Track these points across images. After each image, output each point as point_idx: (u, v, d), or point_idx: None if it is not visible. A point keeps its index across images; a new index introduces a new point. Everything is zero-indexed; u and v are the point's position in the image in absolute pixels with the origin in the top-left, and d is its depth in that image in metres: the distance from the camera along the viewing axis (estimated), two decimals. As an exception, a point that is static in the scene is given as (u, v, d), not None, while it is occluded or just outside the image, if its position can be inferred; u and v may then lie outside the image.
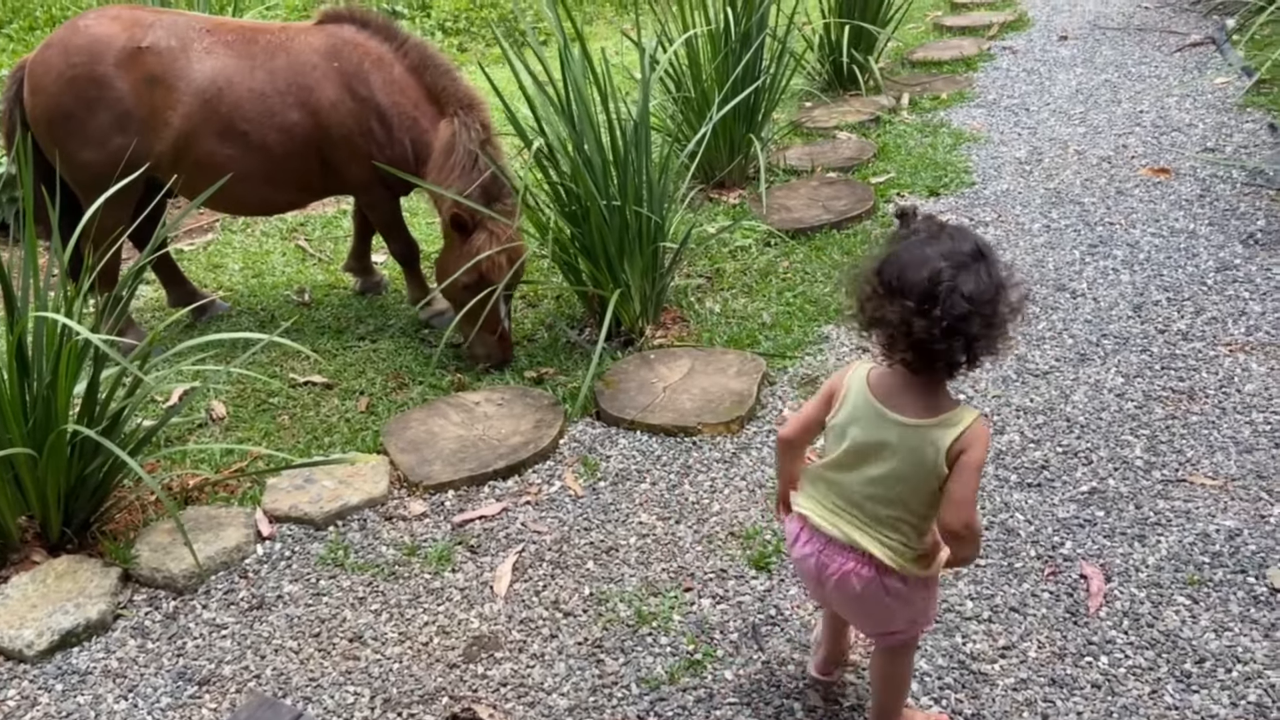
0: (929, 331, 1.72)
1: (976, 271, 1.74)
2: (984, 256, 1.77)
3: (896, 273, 1.76)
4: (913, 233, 1.82)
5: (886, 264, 1.79)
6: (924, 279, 1.72)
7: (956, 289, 1.70)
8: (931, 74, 6.93)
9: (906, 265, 1.75)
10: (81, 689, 2.49)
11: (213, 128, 3.60)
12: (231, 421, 3.52)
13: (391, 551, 2.86)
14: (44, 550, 2.87)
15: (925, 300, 1.71)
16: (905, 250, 1.78)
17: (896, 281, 1.75)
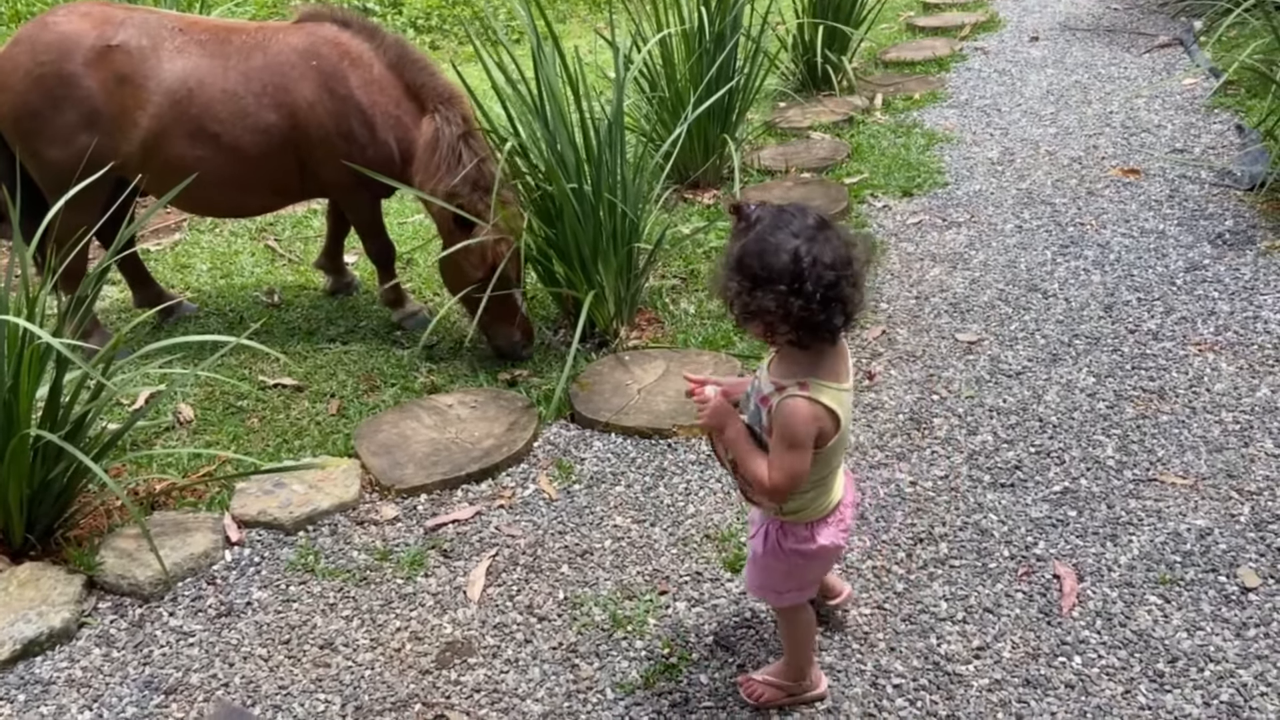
0: (807, 307, 1.81)
1: (828, 239, 1.84)
2: (828, 225, 1.88)
3: (758, 263, 1.82)
4: (755, 222, 1.87)
5: (744, 258, 1.85)
6: (786, 261, 1.80)
7: (818, 260, 1.80)
8: (904, 74, 6.96)
9: (765, 253, 1.82)
10: (45, 699, 2.43)
11: (183, 129, 3.54)
12: (199, 425, 3.47)
13: (363, 556, 2.82)
14: (6, 557, 2.80)
15: (794, 280, 1.80)
16: (757, 240, 1.84)
17: (762, 271, 1.82)
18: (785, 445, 1.91)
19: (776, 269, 1.80)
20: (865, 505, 2.88)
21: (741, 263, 1.85)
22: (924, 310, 3.90)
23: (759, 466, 1.95)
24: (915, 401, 3.34)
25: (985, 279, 4.08)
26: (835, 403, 1.92)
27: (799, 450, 1.91)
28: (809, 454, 1.93)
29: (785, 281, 1.80)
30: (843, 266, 1.83)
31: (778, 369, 1.98)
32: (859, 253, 1.89)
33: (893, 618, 2.49)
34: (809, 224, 1.85)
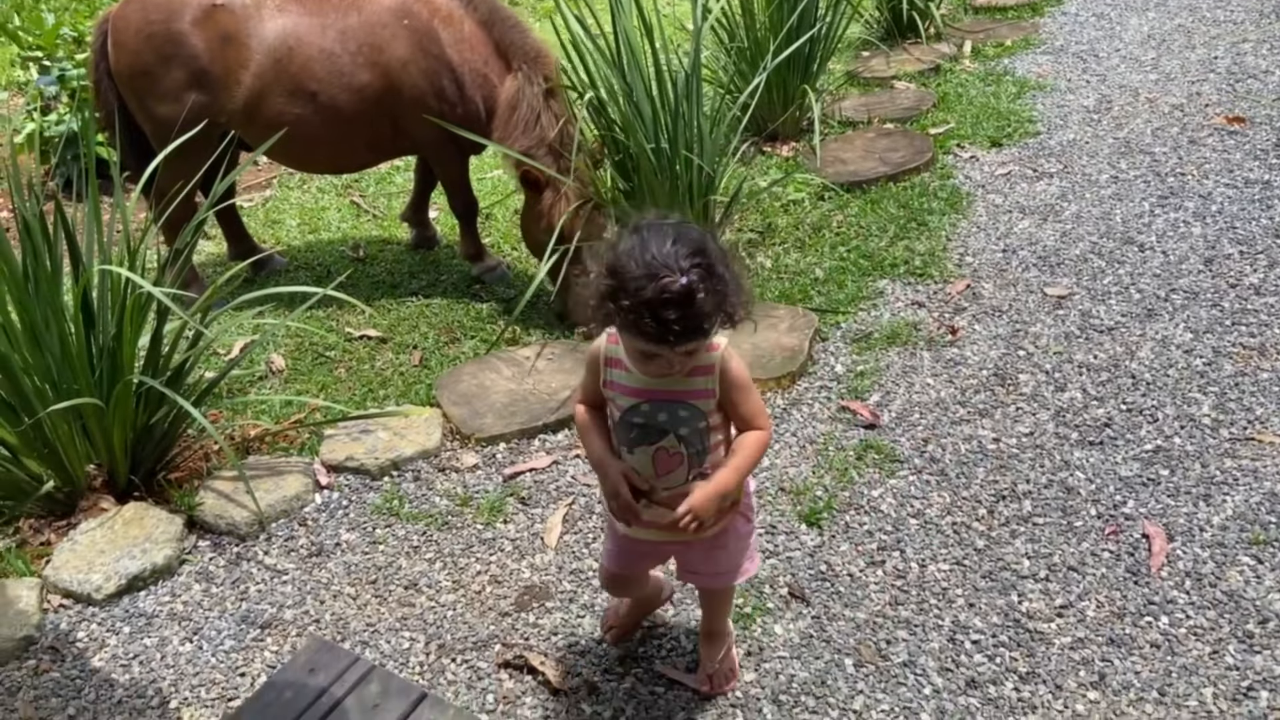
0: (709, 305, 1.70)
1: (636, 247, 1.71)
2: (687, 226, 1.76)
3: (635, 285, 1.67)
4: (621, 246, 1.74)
5: (624, 281, 1.69)
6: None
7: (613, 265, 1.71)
8: (996, 20, 6.71)
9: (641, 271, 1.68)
10: (148, 631, 2.57)
11: (283, 87, 3.62)
12: (290, 374, 3.58)
13: (445, 502, 2.90)
14: (112, 497, 2.95)
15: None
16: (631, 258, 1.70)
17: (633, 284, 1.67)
18: (749, 389, 1.88)
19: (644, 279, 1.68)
20: (945, 461, 2.84)
21: (624, 289, 1.71)
22: (1011, 264, 3.79)
23: (755, 448, 1.88)
24: (1000, 357, 3.26)
25: (1077, 231, 3.93)
26: None
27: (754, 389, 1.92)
28: None
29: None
30: (613, 275, 1.70)
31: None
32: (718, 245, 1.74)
33: (972, 574, 2.46)
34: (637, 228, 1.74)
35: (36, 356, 2.73)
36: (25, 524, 2.91)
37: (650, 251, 1.67)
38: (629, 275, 1.67)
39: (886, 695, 2.19)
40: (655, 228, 1.72)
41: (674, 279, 1.64)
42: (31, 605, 2.62)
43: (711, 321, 1.71)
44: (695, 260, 1.67)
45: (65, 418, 2.77)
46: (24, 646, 2.54)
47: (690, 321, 1.67)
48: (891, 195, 4.39)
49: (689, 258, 1.67)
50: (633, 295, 1.66)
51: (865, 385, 3.19)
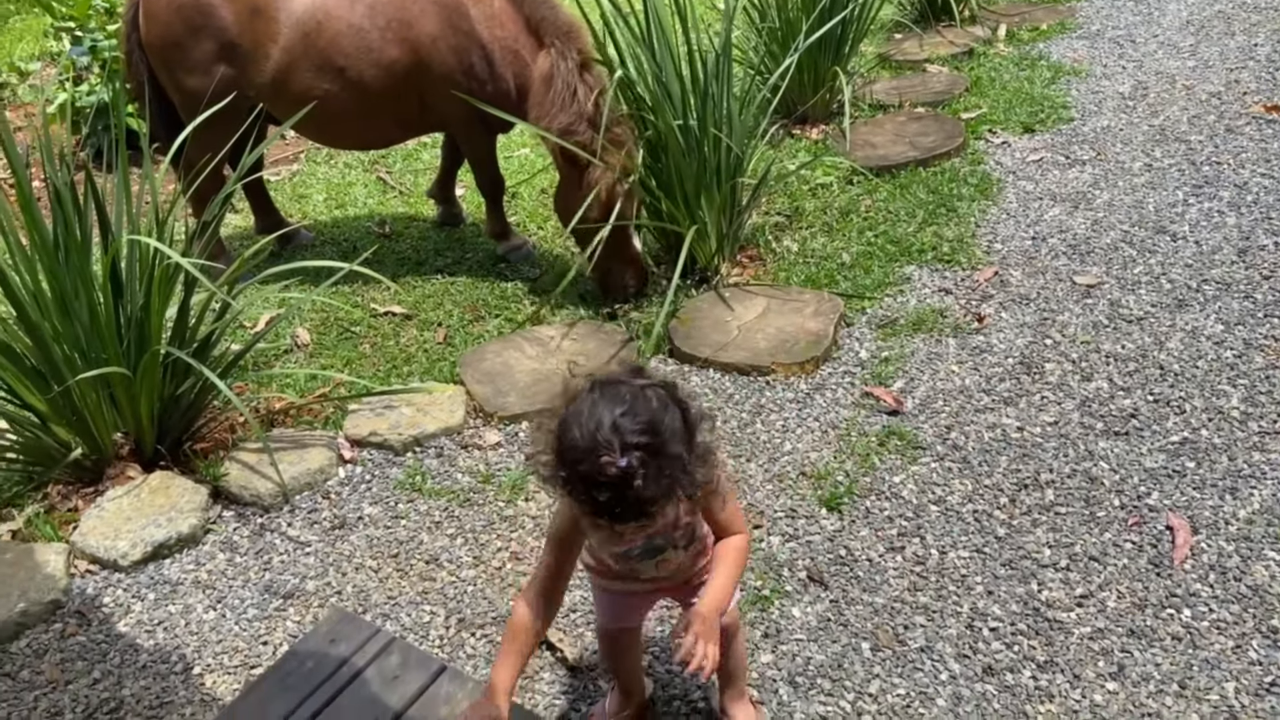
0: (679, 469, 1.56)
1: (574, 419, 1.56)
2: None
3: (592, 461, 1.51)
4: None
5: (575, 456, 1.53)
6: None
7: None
8: (1031, 3, 6.60)
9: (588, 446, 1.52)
10: (173, 598, 2.61)
11: (310, 61, 3.62)
12: (315, 348, 3.61)
13: (467, 479, 2.91)
14: (138, 466, 2.99)
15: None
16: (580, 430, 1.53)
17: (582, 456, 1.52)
18: (727, 495, 1.77)
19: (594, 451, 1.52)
20: (968, 449, 2.82)
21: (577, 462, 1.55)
22: (1040, 251, 3.74)
23: (738, 558, 1.77)
24: (1026, 345, 3.23)
25: (1109, 220, 3.88)
26: None
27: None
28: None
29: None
30: (557, 437, 1.57)
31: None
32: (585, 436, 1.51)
33: (992, 562, 2.45)
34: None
35: (66, 325, 2.77)
36: (53, 490, 2.96)
37: (596, 420, 1.50)
38: (569, 443, 1.53)
39: (902, 680, 2.19)
40: (611, 392, 1.55)
41: (612, 460, 1.48)
42: (59, 570, 2.67)
43: (656, 505, 1.53)
44: (642, 439, 1.50)
45: (93, 386, 2.81)
46: (51, 610, 2.59)
47: (628, 505, 1.51)
48: (921, 180, 4.35)
49: (637, 434, 1.50)
50: (569, 466, 1.53)
51: (889, 371, 3.18)
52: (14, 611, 2.54)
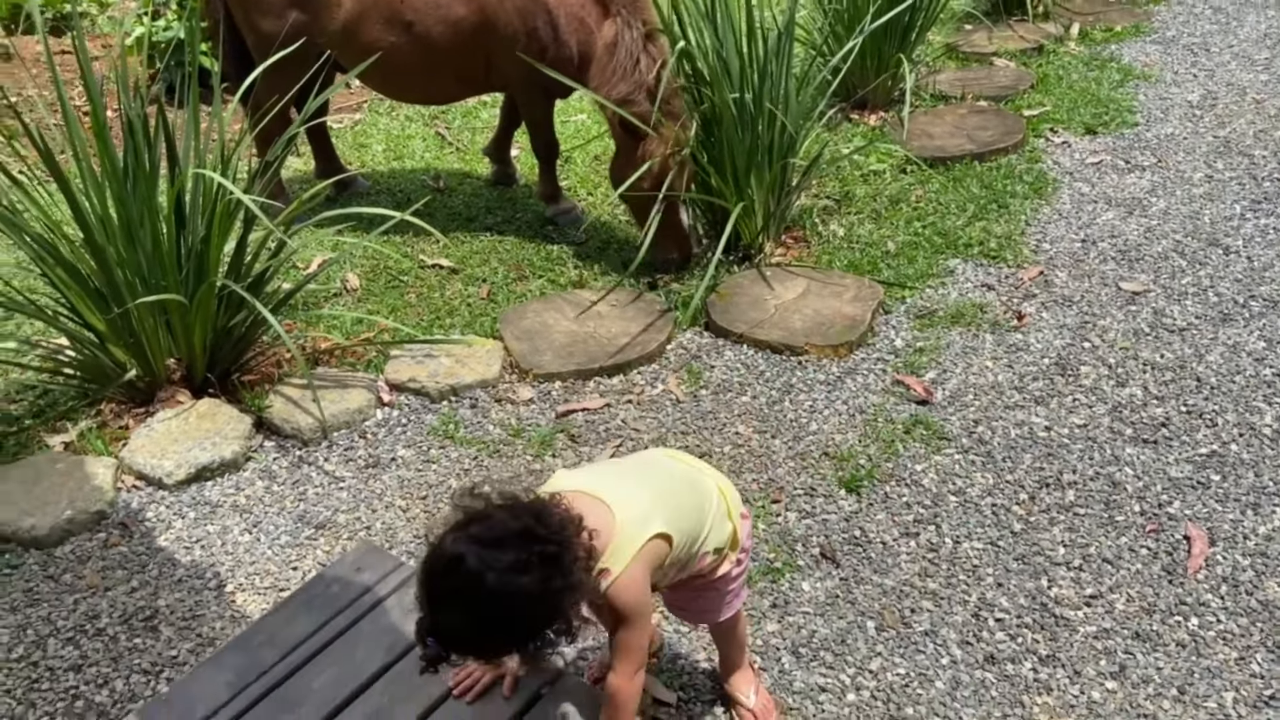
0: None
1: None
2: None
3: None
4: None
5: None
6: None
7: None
8: (1109, 3, 6.48)
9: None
10: (212, 519, 2.73)
11: (380, 14, 3.69)
12: (363, 294, 3.71)
13: (498, 431, 2.99)
14: (188, 392, 3.12)
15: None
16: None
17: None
18: (631, 624, 1.67)
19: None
20: (993, 443, 2.84)
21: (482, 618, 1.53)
22: (1089, 255, 3.72)
23: (615, 710, 1.70)
24: (1064, 347, 3.23)
25: (1162, 228, 3.84)
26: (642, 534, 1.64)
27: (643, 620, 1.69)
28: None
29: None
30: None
31: None
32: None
33: (1005, 555, 2.48)
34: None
35: (130, 251, 2.88)
36: (106, 408, 3.09)
37: (422, 591, 1.53)
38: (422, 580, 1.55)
39: (904, 660, 2.24)
40: (461, 549, 1.48)
41: (422, 634, 1.53)
42: (106, 483, 2.80)
43: (496, 655, 1.66)
44: (464, 616, 1.48)
45: (151, 311, 2.93)
46: (96, 520, 2.73)
47: (457, 655, 1.55)
48: (975, 174, 4.33)
49: (460, 613, 1.49)
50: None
51: (923, 361, 3.20)
52: (61, 518, 2.67)
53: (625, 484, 1.75)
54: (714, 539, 1.81)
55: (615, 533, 1.62)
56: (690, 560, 1.78)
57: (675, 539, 1.69)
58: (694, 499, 1.80)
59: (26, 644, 2.38)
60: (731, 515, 1.85)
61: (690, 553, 1.76)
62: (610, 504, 1.65)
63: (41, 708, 2.23)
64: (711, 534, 1.80)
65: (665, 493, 1.76)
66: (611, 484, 1.71)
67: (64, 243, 2.89)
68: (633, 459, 2.19)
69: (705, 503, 1.81)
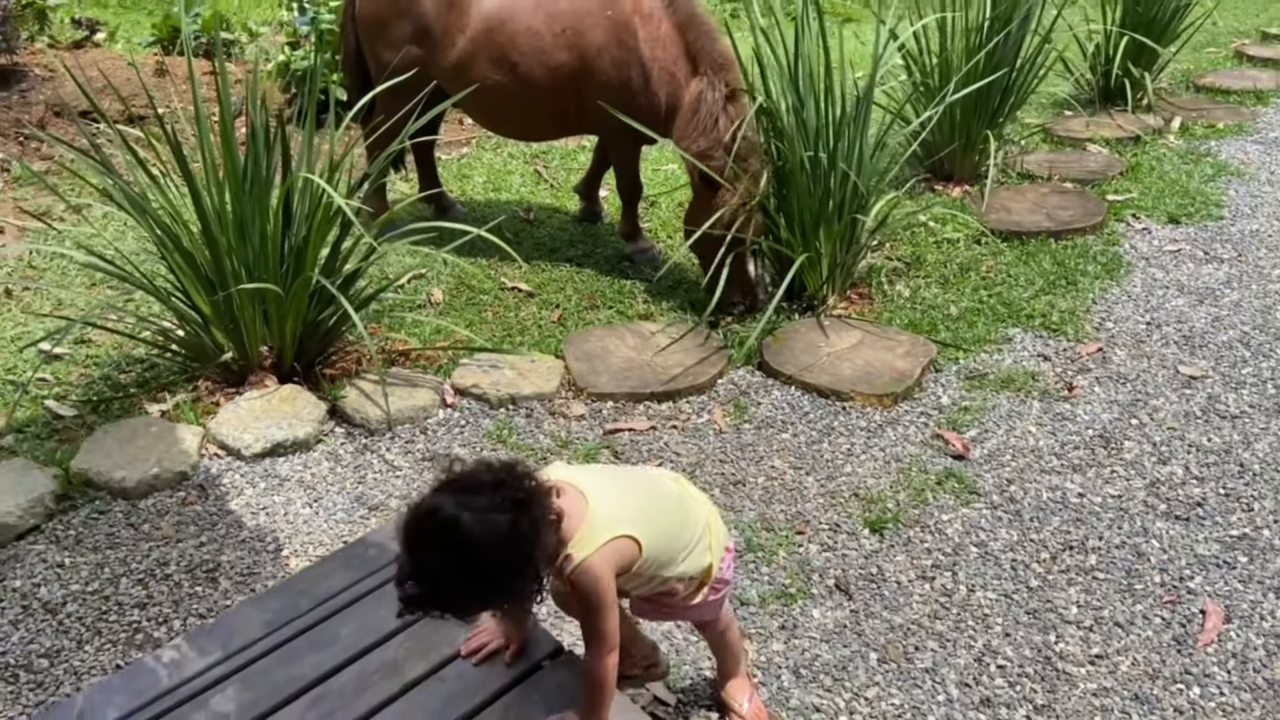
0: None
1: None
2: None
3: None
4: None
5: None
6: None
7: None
8: (1215, 101, 6.47)
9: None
10: (279, 490, 2.98)
11: (489, 54, 4.02)
12: (445, 307, 3.98)
13: (548, 441, 3.18)
14: (275, 378, 3.41)
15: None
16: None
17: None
18: (597, 610, 1.74)
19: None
20: (1023, 503, 2.89)
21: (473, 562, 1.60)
22: (1151, 337, 3.74)
23: (594, 687, 1.79)
24: (1111, 421, 3.25)
25: (1231, 319, 3.83)
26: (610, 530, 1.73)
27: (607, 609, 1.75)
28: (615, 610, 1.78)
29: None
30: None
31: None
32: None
33: (1016, 608, 2.53)
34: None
35: (240, 244, 3.20)
36: (202, 384, 3.40)
37: (402, 533, 1.61)
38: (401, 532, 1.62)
39: (900, 693, 2.30)
40: (437, 501, 1.59)
41: (401, 578, 1.61)
42: (192, 449, 3.09)
43: (467, 612, 1.72)
44: (441, 558, 1.57)
45: (251, 300, 3.23)
46: (179, 480, 3.00)
47: (425, 611, 1.64)
48: (1049, 251, 4.38)
49: (438, 554, 1.57)
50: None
51: (966, 420, 3.26)
52: (148, 474, 2.96)
53: (611, 486, 1.85)
54: (688, 567, 1.88)
55: (585, 522, 1.70)
56: (658, 580, 1.86)
57: (645, 548, 1.76)
58: (677, 520, 1.88)
59: (101, 580, 2.64)
60: (713, 550, 1.93)
61: (660, 572, 1.84)
62: (588, 496, 1.75)
63: (106, 635, 2.48)
64: (687, 562, 1.87)
65: (649, 505, 1.86)
66: (597, 482, 1.81)
67: (185, 232, 3.23)
68: (636, 470, 2.32)
69: (688, 530, 1.89)
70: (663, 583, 1.88)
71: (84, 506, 2.89)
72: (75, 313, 3.75)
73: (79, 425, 3.24)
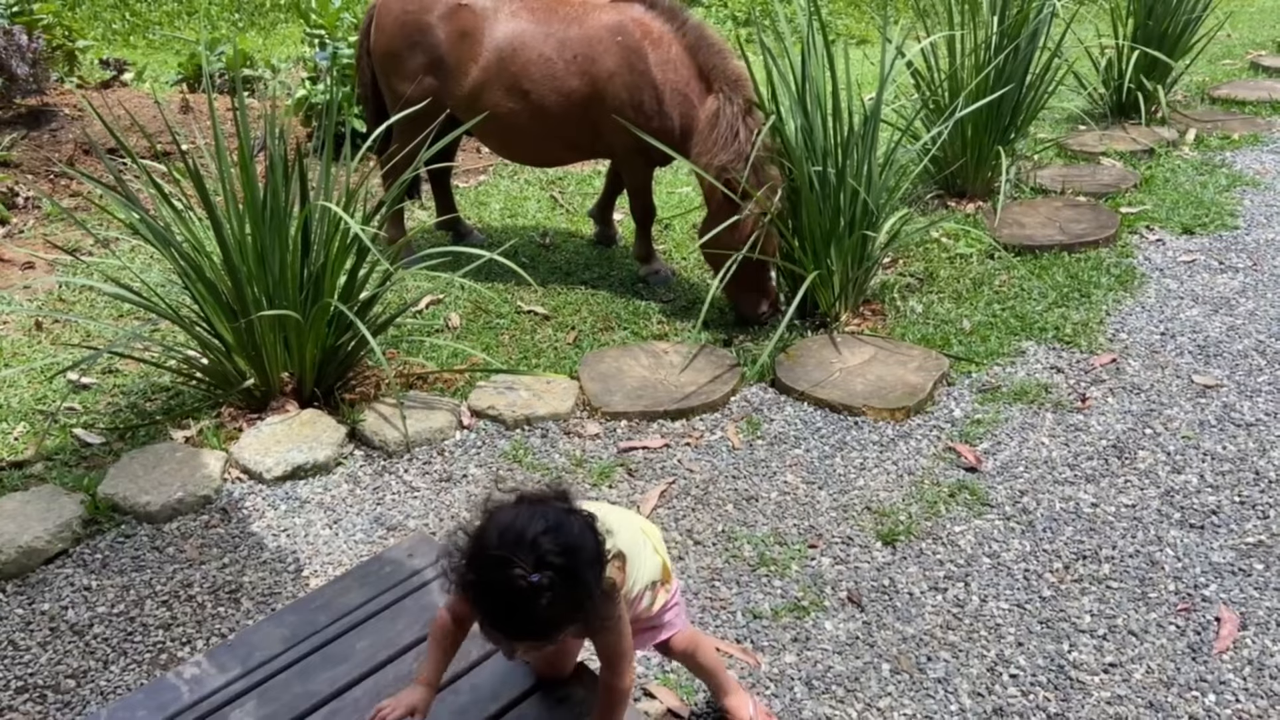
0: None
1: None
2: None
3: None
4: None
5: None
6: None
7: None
8: (1230, 112, 6.46)
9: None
10: (299, 512, 3.04)
11: (502, 83, 4.10)
12: (462, 331, 4.04)
13: (563, 460, 3.22)
14: (296, 404, 3.47)
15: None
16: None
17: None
18: (612, 627, 1.75)
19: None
20: (1036, 514, 2.89)
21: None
22: (1165, 347, 3.73)
23: (610, 712, 1.81)
24: (1125, 431, 3.25)
25: (1246, 328, 3.82)
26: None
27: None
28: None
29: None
30: (474, 540, 1.61)
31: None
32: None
33: (1030, 618, 2.53)
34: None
35: (260, 271, 3.28)
36: (225, 411, 3.48)
37: (516, 533, 1.53)
38: (484, 549, 1.55)
39: (913, 703, 2.31)
40: (536, 510, 1.58)
41: (524, 574, 1.50)
42: (215, 473, 3.15)
43: (558, 629, 1.57)
44: (558, 560, 1.51)
45: (272, 327, 3.31)
46: (203, 503, 3.07)
47: (528, 622, 1.54)
48: (1062, 264, 4.39)
49: (554, 554, 1.52)
50: (479, 572, 1.54)
51: (978, 432, 3.27)
52: (172, 499, 3.03)
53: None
54: (647, 572, 1.91)
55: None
56: (632, 595, 1.87)
57: (628, 562, 1.80)
58: (625, 525, 1.92)
59: (127, 602, 2.70)
60: (658, 550, 1.98)
61: (635, 587, 1.86)
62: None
63: (131, 656, 2.53)
64: (644, 567, 1.90)
65: (609, 520, 1.87)
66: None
67: (207, 262, 3.32)
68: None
69: (634, 535, 1.93)
70: (636, 598, 1.90)
71: (110, 531, 2.95)
72: (103, 343, 3.85)
73: (106, 452, 3.32)
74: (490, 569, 1.53)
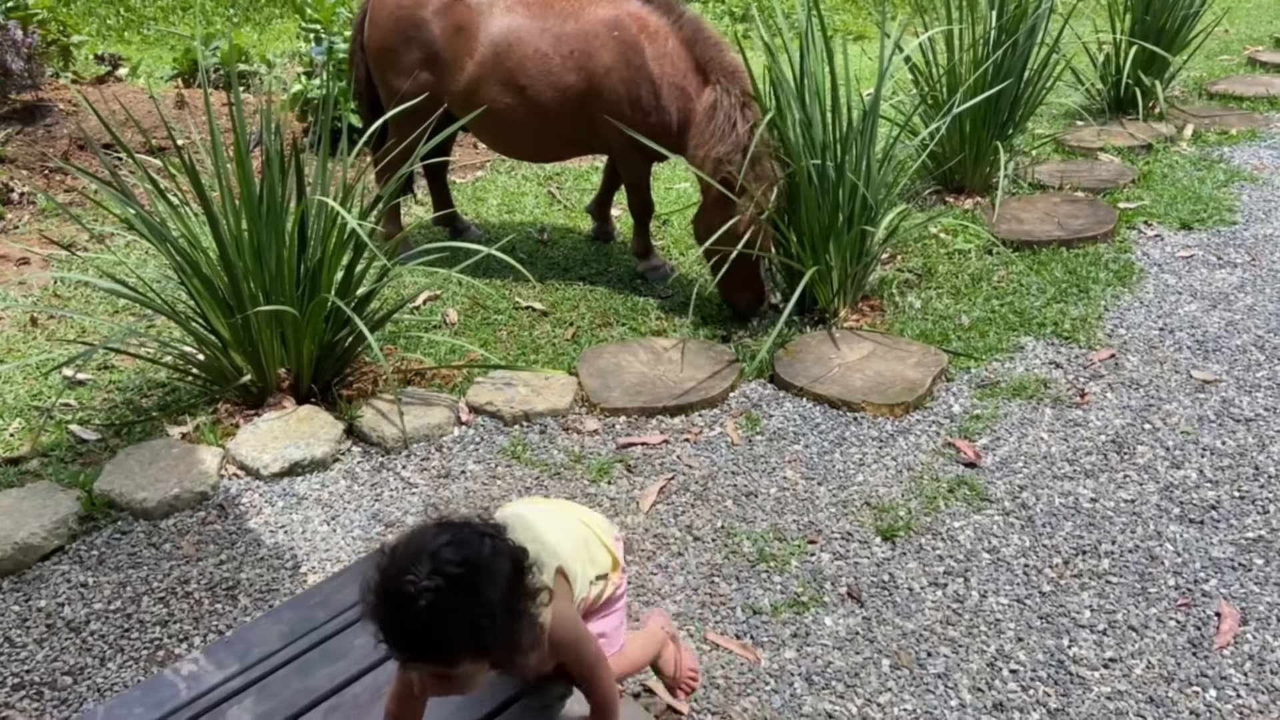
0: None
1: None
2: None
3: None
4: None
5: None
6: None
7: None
8: (1228, 108, 6.45)
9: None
10: (297, 509, 3.03)
11: (498, 78, 4.09)
12: (460, 328, 4.03)
13: (561, 456, 3.21)
14: (294, 400, 3.46)
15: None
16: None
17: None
18: (576, 643, 1.79)
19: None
20: (1035, 509, 2.89)
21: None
22: (1164, 343, 3.73)
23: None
24: (1124, 427, 3.25)
25: (1245, 323, 3.81)
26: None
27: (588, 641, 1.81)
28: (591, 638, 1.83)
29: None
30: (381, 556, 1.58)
31: None
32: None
33: (1029, 614, 2.52)
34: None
35: (256, 267, 3.27)
36: (222, 407, 3.46)
37: (418, 543, 1.51)
38: (386, 561, 1.52)
39: (913, 699, 2.30)
40: (450, 527, 1.56)
41: (416, 579, 1.45)
42: (212, 470, 3.14)
43: (451, 648, 1.50)
44: (454, 570, 1.47)
45: (268, 323, 3.29)
46: (199, 500, 3.06)
47: (416, 634, 1.48)
48: (1061, 260, 4.39)
49: (451, 564, 1.47)
50: (378, 587, 1.51)
51: (977, 428, 3.27)
52: (169, 495, 3.01)
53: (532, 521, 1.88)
54: (593, 570, 1.94)
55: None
56: (578, 598, 1.88)
57: (570, 574, 1.84)
58: (563, 523, 1.95)
59: (124, 599, 2.69)
60: (605, 542, 2.00)
61: (584, 588, 1.89)
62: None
63: (128, 652, 2.52)
64: (590, 567, 1.93)
65: (551, 527, 1.90)
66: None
67: (203, 258, 3.30)
68: (516, 506, 2.22)
69: (574, 530, 1.95)
70: (584, 598, 1.91)
71: (106, 527, 2.94)
72: (99, 339, 3.83)
73: (102, 448, 3.30)
74: (387, 579, 1.51)
